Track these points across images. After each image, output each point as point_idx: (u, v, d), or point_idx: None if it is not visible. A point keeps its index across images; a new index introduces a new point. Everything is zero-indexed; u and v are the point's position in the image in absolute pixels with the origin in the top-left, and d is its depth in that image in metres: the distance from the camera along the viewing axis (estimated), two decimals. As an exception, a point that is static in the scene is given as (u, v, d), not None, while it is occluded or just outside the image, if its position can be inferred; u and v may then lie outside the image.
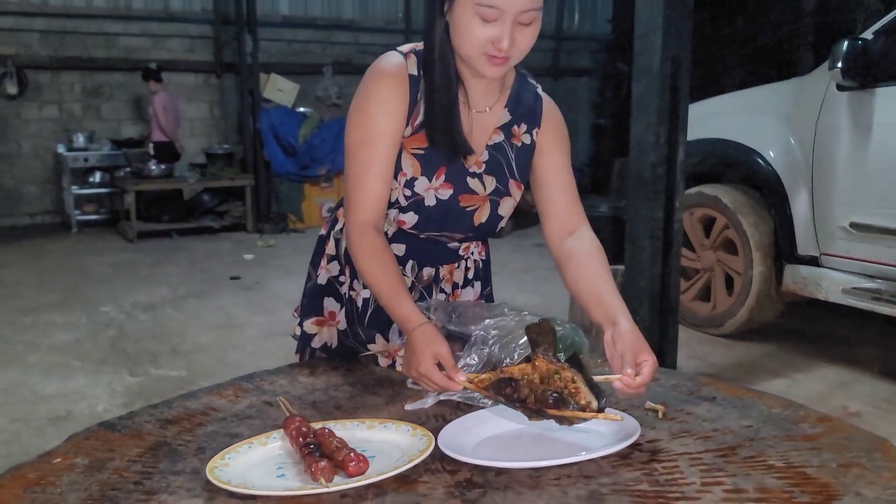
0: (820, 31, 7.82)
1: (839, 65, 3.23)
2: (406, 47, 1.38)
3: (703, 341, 3.97)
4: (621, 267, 3.02)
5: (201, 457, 1.10)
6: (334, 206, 1.64)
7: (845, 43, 3.23)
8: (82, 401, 3.26)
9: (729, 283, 4.04)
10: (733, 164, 4.10)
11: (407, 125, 1.34)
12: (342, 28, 9.64)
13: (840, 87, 3.38)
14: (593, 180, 9.97)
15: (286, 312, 4.63)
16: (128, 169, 7.67)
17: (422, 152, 1.36)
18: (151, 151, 7.66)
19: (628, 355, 1.17)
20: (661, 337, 2.90)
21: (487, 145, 1.40)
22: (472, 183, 1.39)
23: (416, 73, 1.34)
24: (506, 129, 1.41)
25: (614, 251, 3.17)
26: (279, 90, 8.58)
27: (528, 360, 1.16)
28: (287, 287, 5.34)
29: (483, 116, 1.40)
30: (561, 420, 1.10)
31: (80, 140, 8.04)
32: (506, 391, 1.12)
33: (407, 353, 1.23)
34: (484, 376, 1.17)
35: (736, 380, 3.34)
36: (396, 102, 1.32)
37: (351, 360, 1.52)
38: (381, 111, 1.32)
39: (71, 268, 6.06)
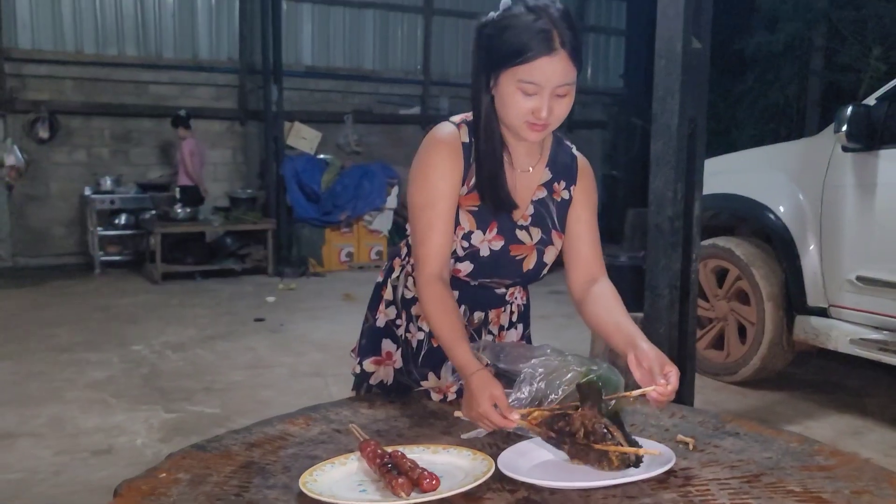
0: (826, 93, 8.07)
1: (844, 128, 3.41)
2: (457, 118, 1.56)
3: (718, 389, 4.09)
4: (640, 314, 3.18)
5: (288, 474, 1.25)
6: (391, 253, 1.80)
7: (850, 108, 3.42)
8: (122, 435, 3.40)
9: (742, 332, 4.17)
10: (746, 219, 4.26)
11: (463, 185, 1.52)
12: (362, 78, 9.97)
13: (845, 149, 3.56)
14: (606, 229, 10.14)
15: (312, 354, 4.80)
16: (153, 212, 7.89)
17: (476, 209, 1.53)
18: (177, 195, 7.90)
19: (655, 367, 1.34)
20: (679, 382, 3.03)
21: (532, 200, 1.58)
22: (521, 234, 1.57)
23: (468, 140, 1.52)
24: (548, 185, 1.59)
25: (634, 299, 3.33)
26: (302, 138, 8.86)
27: (575, 408, 1.30)
28: (311, 330, 5.50)
29: (527, 175, 1.57)
30: (601, 459, 1.24)
31: (107, 183, 8.28)
32: (559, 424, 1.27)
33: (466, 396, 1.37)
34: (536, 413, 1.31)
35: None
36: (452, 168, 1.51)
37: (405, 395, 1.68)
38: (440, 176, 1.50)
39: (99, 308, 6.24)
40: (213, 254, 8.07)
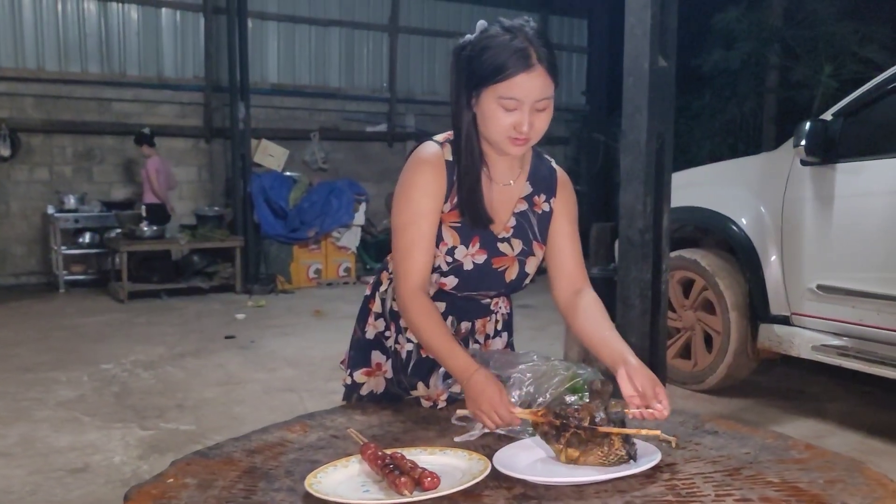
0: (781, 109, 8.33)
1: (803, 142, 3.56)
2: (441, 137, 1.62)
3: (685, 397, 4.19)
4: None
5: (291, 478, 1.29)
6: (378, 267, 1.84)
7: (808, 123, 3.57)
8: (97, 454, 3.36)
9: (708, 341, 4.28)
10: (710, 231, 4.39)
11: (446, 202, 1.58)
12: (328, 96, 10.01)
13: (804, 163, 3.70)
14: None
15: (284, 370, 4.81)
16: (119, 230, 7.80)
17: (459, 224, 1.59)
18: (144, 213, 7.83)
19: (648, 389, 1.41)
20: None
21: (514, 213, 1.64)
22: (503, 247, 1.63)
23: (451, 158, 1.58)
24: (529, 198, 1.66)
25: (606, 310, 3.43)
26: (270, 155, 8.85)
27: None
28: (282, 346, 5.49)
29: (507, 189, 1.63)
30: (603, 444, 1.30)
31: (71, 202, 8.18)
32: (567, 410, 1.33)
33: (472, 393, 1.43)
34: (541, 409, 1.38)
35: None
36: (435, 186, 1.56)
37: (397, 403, 1.72)
38: (422, 195, 1.55)
39: (65, 327, 6.14)
40: (179, 272, 8.01)
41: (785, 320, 3.87)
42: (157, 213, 7.88)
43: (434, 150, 1.58)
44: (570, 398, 1.38)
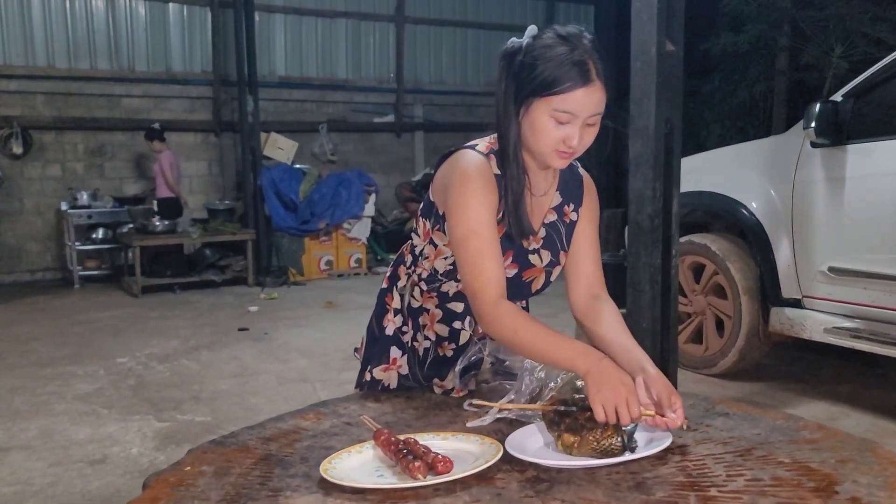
0: (792, 92, 8.26)
1: (813, 124, 3.54)
2: (482, 147, 1.56)
3: (698, 381, 4.19)
4: (623, 311, 3.26)
5: (307, 464, 1.31)
6: (394, 260, 1.82)
7: (818, 105, 3.54)
8: (115, 445, 3.41)
9: (720, 325, 4.27)
10: (720, 215, 4.37)
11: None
12: (336, 87, 10.02)
13: (814, 145, 3.68)
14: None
15: (297, 361, 4.83)
16: (131, 225, 7.85)
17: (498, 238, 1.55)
18: (155, 208, 7.88)
19: (664, 398, 1.38)
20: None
21: (544, 223, 1.63)
22: (532, 258, 1.62)
23: (498, 172, 1.53)
24: (558, 209, 1.64)
25: (616, 295, 3.43)
26: (279, 148, 8.88)
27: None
28: (295, 337, 5.53)
29: (541, 199, 1.62)
30: (603, 431, 1.31)
31: (83, 198, 8.24)
32: (573, 397, 1.34)
33: (601, 380, 1.31)
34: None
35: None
36: (491, 196, 1.51)
37: (409, 390, 1.74)
38: (479, 204, 1.49)
39: (80, 322, 6.21)
40: (192, 266, 8.06)
41: (796, 303, 3.86)
42: (171, 206, 7.94)
43: (482, 162, 1.53)
44: (579, 383, 1.39)
